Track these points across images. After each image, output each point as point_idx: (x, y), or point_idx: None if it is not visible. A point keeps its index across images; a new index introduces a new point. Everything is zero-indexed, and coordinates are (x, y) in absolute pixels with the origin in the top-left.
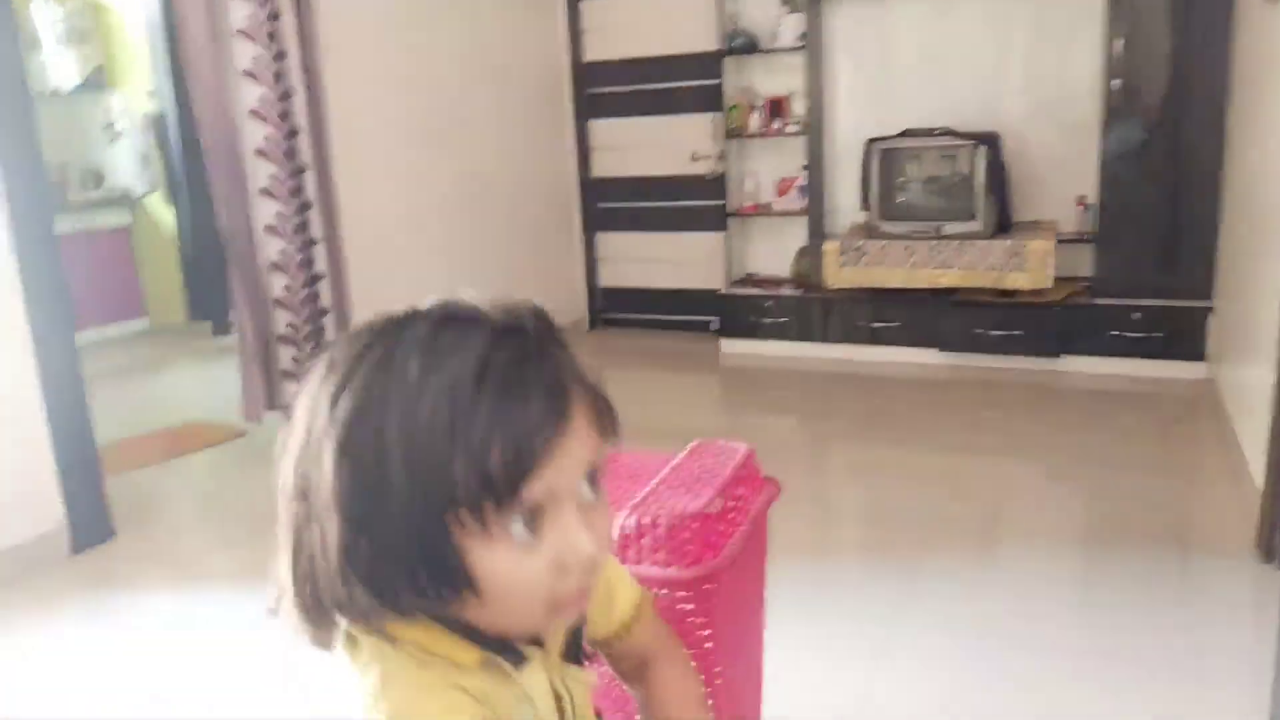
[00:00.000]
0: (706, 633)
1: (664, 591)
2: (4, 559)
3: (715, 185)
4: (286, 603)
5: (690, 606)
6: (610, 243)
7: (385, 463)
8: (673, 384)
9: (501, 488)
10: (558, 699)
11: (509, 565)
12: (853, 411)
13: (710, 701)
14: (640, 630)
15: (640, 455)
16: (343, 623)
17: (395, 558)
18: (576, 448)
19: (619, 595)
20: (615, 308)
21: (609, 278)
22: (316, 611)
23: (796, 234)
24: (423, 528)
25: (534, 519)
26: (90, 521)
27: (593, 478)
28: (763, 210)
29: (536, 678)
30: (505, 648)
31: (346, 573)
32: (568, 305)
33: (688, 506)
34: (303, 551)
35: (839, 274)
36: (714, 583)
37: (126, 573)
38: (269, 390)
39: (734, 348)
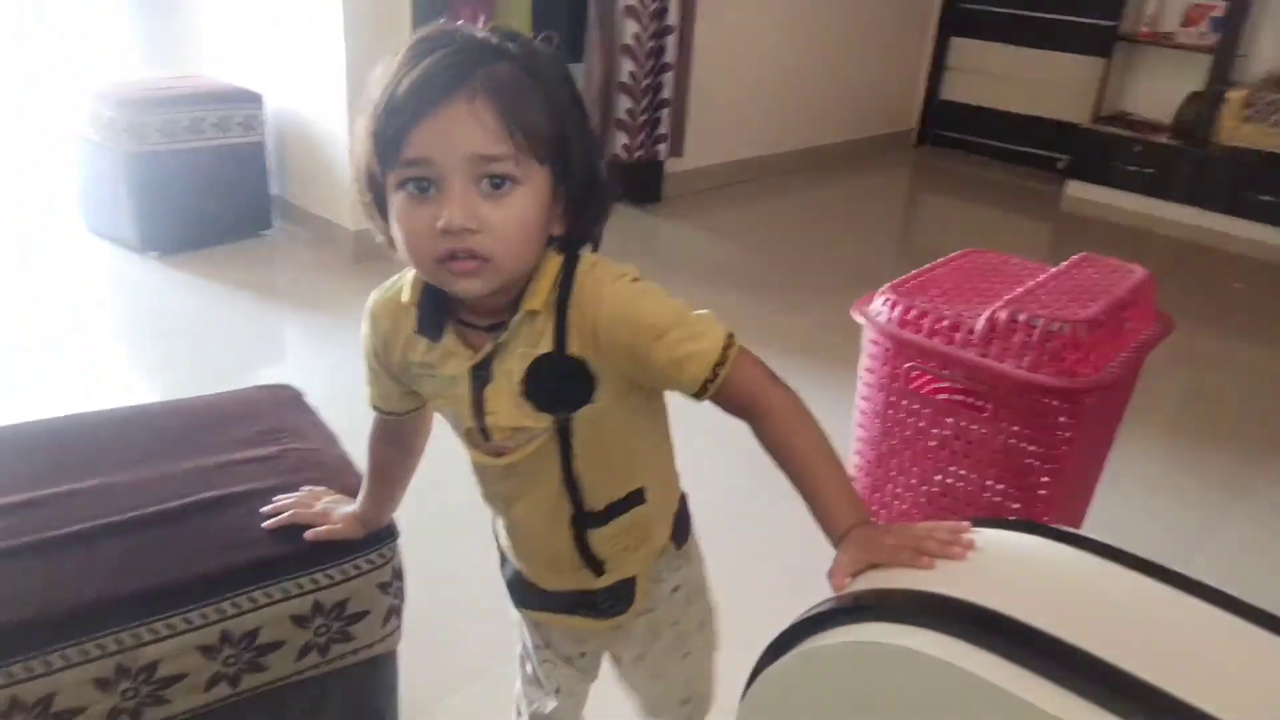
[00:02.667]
0: (1034, 448)
1: (1021, 409)
2: (364, 235)
3: (1110, 1)
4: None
5: (1046, 419)
6: (964, 51)
7: (360, 119)
8: (998, 223)
9: (383, 146)
10: (474, 387)
11: (400, 212)
12: (1211, 294)
13: (1017, 506)
14: (729, 392)
15: (1008, 258)
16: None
17: (362, 188)
18: (458, 133)
19: (691, 365)
20: (951, 125)
21: (952, 90)
22: (369, 210)
23: (1193, 75)
24: (369, 169)
25: (425, 185)
26: None
27: (491, 174)
28: (1160, 39)
29: (447, 357)
30: (438, 317)
31: (357, 184)
32: (897, 114)
33: (1074, 314)
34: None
35: (1237, 130)
36: (1072, 402)
37: None
38: (601, 135)
39: (1081, 192)
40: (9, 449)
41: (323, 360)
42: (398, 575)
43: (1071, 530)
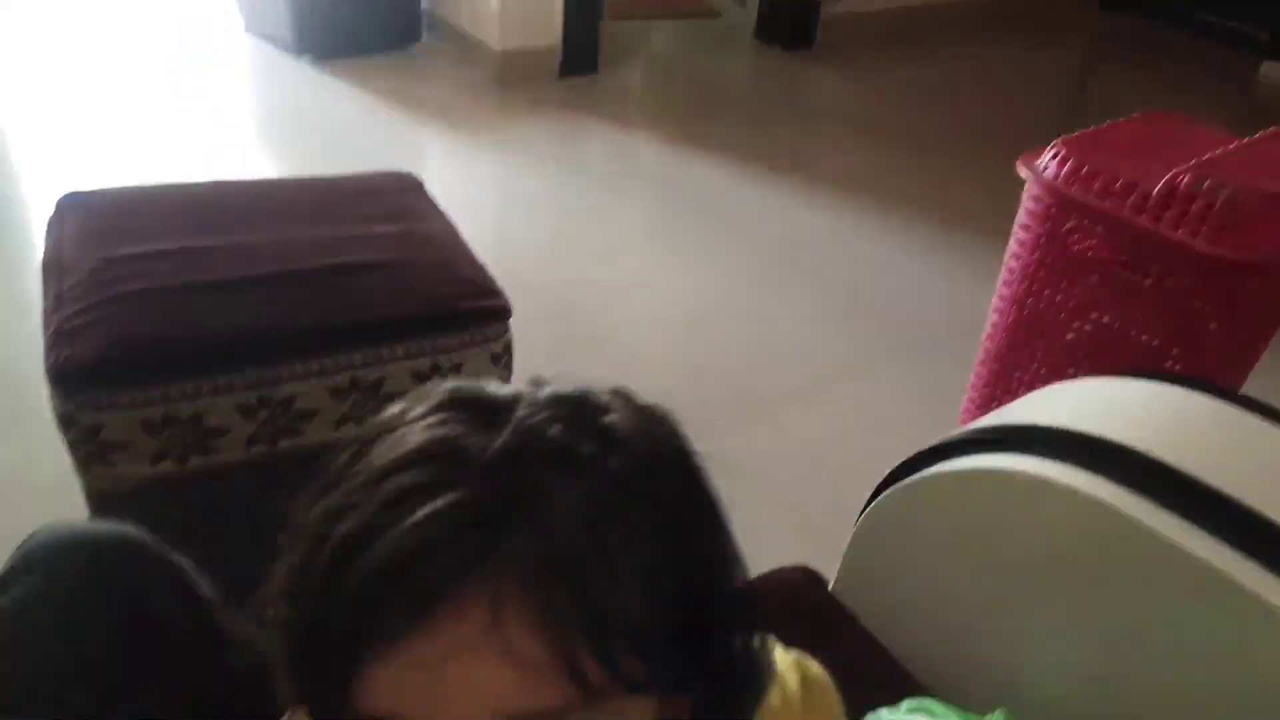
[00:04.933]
0: (1213, 326)
1: (1186, 281)
2: (509, 56)
3: None
4: None
5: (1210, 293)
6: None
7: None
8: (1182, 99)
9: (310, 669)
10: None
11: None
12: None
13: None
14: None
15: (1194, 124)
16: None
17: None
18: (461, 684)
19: None
20: None
21: None
22: None
23: None
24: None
25: None
26: (581, 52)
27: None
28: None
29: None
30: None
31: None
32: None
33: (1265, 185)
34: None
35: None
36: (1253, 278)
37: (599, 107)
38: None
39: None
40: (163, 204)
41: (451, 171)
42: (508, 350)
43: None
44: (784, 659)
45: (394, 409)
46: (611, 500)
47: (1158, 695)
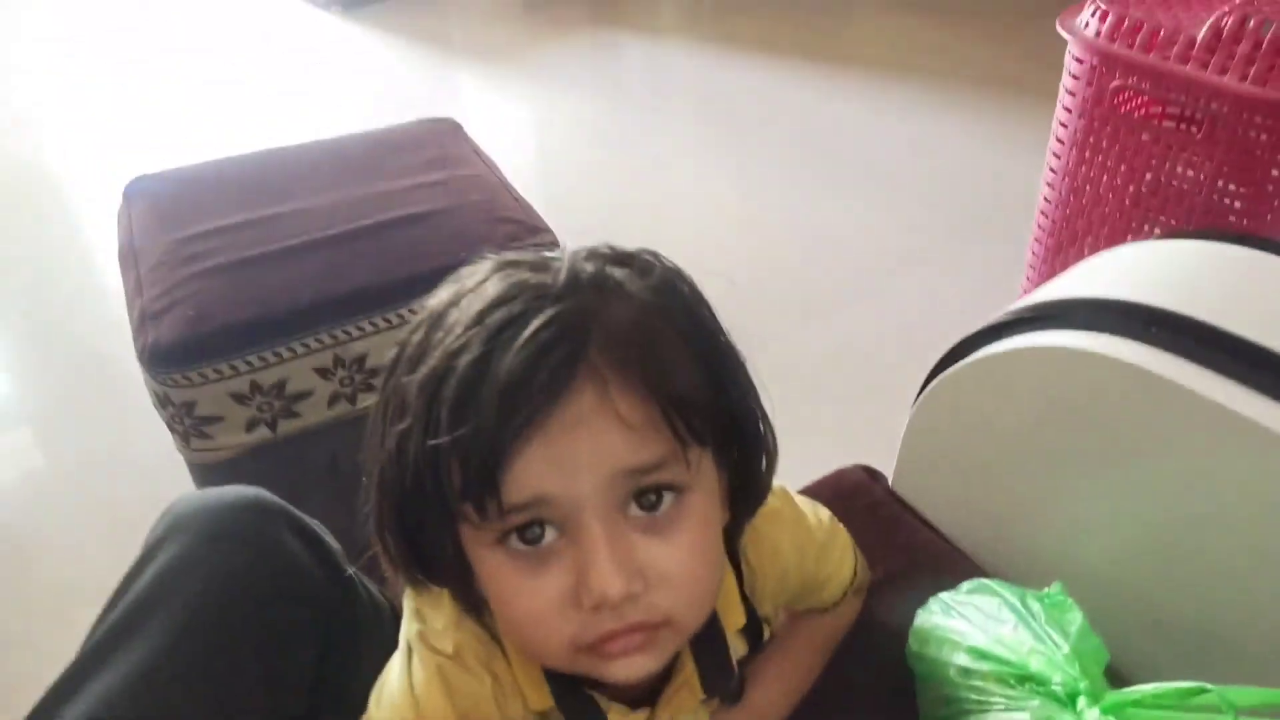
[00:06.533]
0: (1275, 172)
1: (1239, 128)
2: None
3: None
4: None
5: (1265, 138)
6: None
7: (389, 421)
8: None
9: (468, 483)
10: None
11: (508, 583)
12: None
13: None
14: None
15: None
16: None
17: (398, 531)
18: (589, 448)
19: (830, 587)
20: None
21: None
22: (399, 561)
23: None
24: (408, 499)
25: (537, 533)
26: None
27: (645, 488)
28: None
29: None
30: (582, 700)
31: (378, 520)
32: None
33: None
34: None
35: None
36: None
37: (628, 18)
38: None
39: None
40: (220, 180)
41: (487, 106)
42: None
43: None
44: (823, 509)
45: (443, 294)
46: (653, 308)
47: (1210, 562)
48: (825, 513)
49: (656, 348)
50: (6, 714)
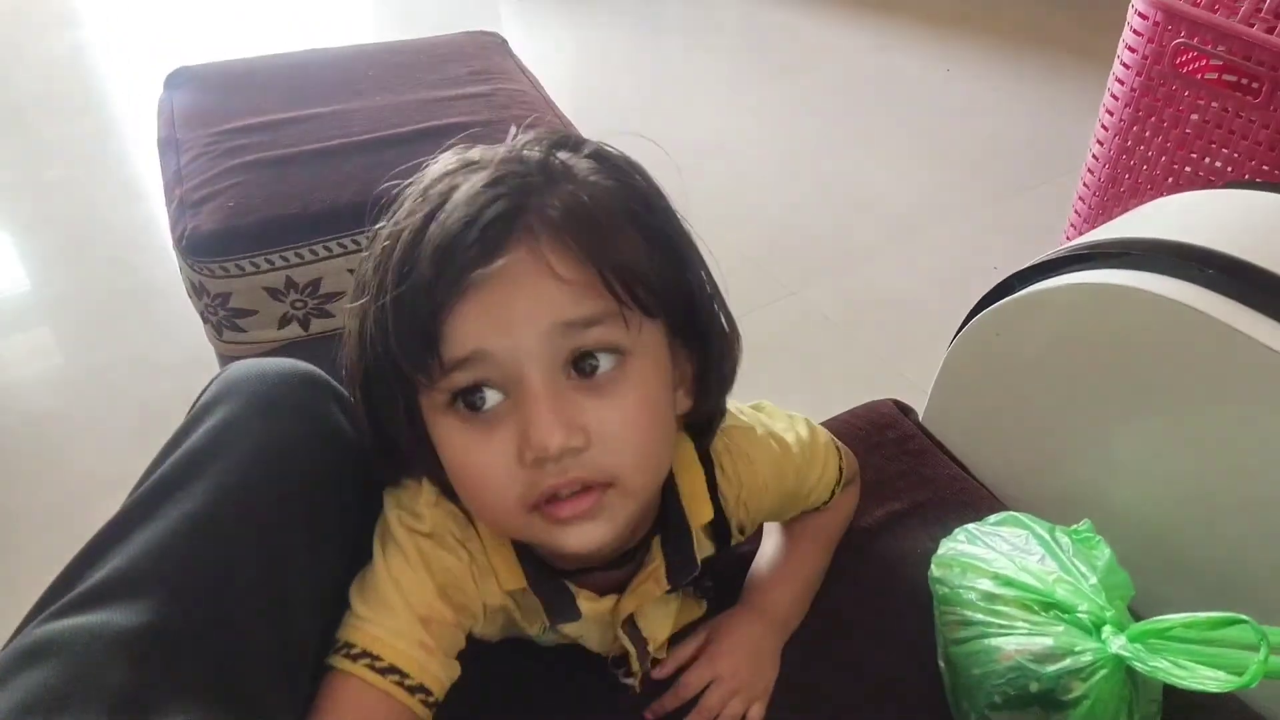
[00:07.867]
0: None
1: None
2: None
3: None
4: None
5: None
6: None
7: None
8: None
9: (405, 345)
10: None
11: (459, 447)
12: None
13: None
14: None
15: None
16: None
17: (371, 407)
18: (524, 299)
19: (815, 495)
20: None
21: None
22: (380, 416)
23: None
24: (371, 369)
25: (480, 397)
26: None
27: (585, 348)
28: None
29: (588, 630)
30: (554, 585)
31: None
32: None
33: None
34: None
35: None
36: None
37: None
38: None
39: None
40: (262, 76)
41: (524, 32)
42: None
43: None
44: (801, 419)
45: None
46: (599, 187)
47: (1251, 511)
48: (803, 426)
49: (596, 218)
50: (40, 585)
